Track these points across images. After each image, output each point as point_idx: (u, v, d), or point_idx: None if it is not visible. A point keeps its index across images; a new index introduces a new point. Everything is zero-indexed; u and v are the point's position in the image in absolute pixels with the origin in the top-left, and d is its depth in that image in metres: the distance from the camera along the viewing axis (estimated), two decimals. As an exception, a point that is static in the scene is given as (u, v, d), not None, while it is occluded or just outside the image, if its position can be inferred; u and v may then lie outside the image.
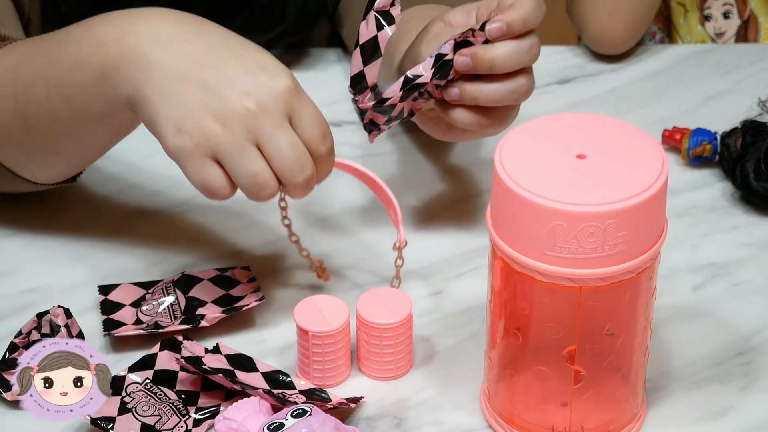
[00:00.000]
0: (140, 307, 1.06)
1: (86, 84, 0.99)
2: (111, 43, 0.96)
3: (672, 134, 1.27)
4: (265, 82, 0.94)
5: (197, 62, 0.94)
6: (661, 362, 1.02)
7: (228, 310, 1.04)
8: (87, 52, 0.98)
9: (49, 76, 1.01)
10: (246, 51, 0.96)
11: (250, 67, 0.94)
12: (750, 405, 1.00)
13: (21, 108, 1.03)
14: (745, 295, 1.10)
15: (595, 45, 1.41)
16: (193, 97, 0.93)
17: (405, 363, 1.01)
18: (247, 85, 0.93)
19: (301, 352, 1.00)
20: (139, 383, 0.99)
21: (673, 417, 0.98)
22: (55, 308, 1.01)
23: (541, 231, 0.85)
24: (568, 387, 0.92)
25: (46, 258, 1.14)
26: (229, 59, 0.94)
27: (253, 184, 0.94)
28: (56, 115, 1.02)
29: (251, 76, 0.94)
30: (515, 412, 0.95)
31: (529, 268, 0.87)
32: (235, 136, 0.93)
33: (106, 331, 1.04)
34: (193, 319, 1.03)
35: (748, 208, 1.20)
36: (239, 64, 0.94)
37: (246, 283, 1.08)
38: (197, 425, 0.96)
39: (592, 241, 0.85)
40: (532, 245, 0.86)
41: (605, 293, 0.88)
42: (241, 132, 0.93)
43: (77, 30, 1.01)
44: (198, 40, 0.95)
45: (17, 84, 1.03)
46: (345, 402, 0.97)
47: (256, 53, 0.96)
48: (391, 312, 0.99)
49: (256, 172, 0.93)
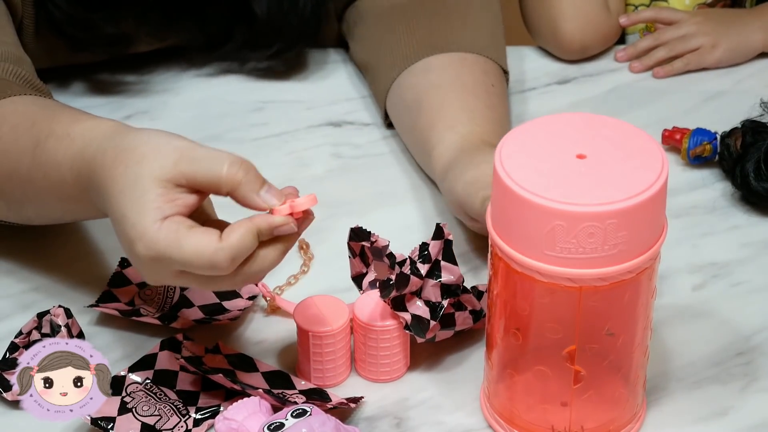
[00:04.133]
0: (143, 290, 1.07)
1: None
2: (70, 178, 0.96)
3: (672, 134, 1.27)
4: (136, 252, 0.90)
5: (120, 215, 0.91)
6: (661, 362, 1.02)
7: (201, 320, 1.04)
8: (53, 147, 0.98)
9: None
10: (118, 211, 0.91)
11: (125, 244, 0.91)
12: (750, 405, 1.00)
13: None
14: (745, 295, 1.10)
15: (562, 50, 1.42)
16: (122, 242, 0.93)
17: (402, 365, 1.01)
18: (127, 247, 0.91)
19: (301, 353, 1.00)
20: (140, 383, 0.99)
21: (673, 417, 0.98)
22: (56, 308, 1.01)
23: (541, 231, 0.85)
24: (567, 387, 0.92)
25: (46, 258, 1.14)
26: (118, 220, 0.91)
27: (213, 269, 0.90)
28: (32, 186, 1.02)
29: (123, 244, 0.91)
30: (515, 412, 0.95)
31: (529, 268, 0.87)
32: (156, 276, 0.91)
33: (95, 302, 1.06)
34: (168, 317, 1.04)
35: (748, 208, 1.20)
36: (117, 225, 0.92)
37: (245, 299, 1.07)
38: (197, 425, 0.96)
39: (592, 241, 0.85)
40: (532, 245, 0.86)
41: (605, 293, 0.88)
42: (153, 274, 0.91)
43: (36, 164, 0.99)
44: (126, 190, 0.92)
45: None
46: (345, 402, 0.97)
47: (117, 224, 0.91)
48: (388, 314, 0.99)
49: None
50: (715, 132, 1.25)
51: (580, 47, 1.41)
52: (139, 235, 0.88)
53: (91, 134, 0.95)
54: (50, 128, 0.98)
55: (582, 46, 1.41)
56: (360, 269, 1.00)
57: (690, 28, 1.42)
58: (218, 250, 0.87)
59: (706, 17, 1.44)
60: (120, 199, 0.90)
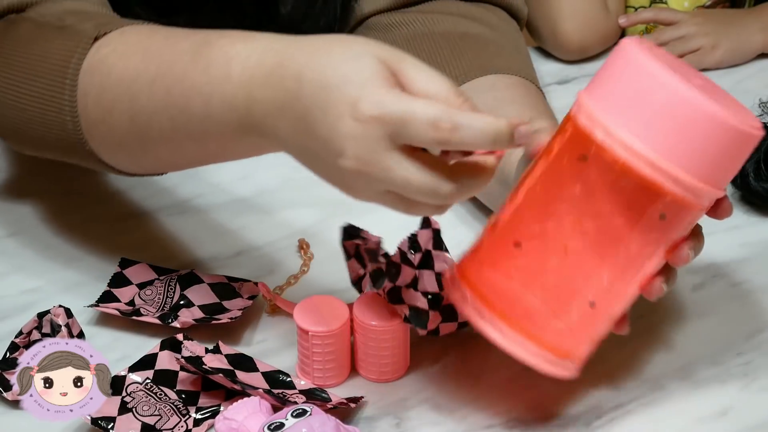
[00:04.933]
0: (143, 290, 1.07)
1: (226, 135, 0.93)
2: (241, 109, 0.90)
3: (672, 134, 1.27)
4: (347, 132, 0.84)
5: (301, 133, 0.87)
6: (661, 362, 1.03)
7: (201, 320, 1.04)
8: (219, 113, 0.91)
9: (175, 117, 0.94)
10: (325, 92, 0.85)
11: (331, 121, 0.84)
12: (750, 405, 1.00)
13: (139, 130, 0.97)
14: (745, 295, 1.10)
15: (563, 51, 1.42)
16: (320, 165, 0.88)
17: (402, 365, 1.01)
18: (336, 146, 0.85)
19: (302, 352, 1.00)
20: (140, 383, 0.99)
21: (673, 417, 0.98)
22: (56, 308, 1.01)
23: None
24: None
25: (46, 258, 1.14)
26: (316, 120, 0.86)
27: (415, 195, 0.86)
28: (181, 146, 0.96)
29: (333, 133, 0.84)
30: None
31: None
32: (362, 194, 0.87)
33: (95, 302, 1.05)
34: (168, 317, 1.04)
35: (748, 208, 1.20)
36: (324, 121, 0.85)
37: (245, 299, 1.07)
38: (197, 425, 0.96)
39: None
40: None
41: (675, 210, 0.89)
42: (367, 189, 0.87)
43: (195, 74, 0.92)
44: (292, 104, 0.87)
45: (134, 104, 0.96)
46: (345, 402, 0.97)
47: (333, 92, 0.85)
48: (388, 314, 0.99)
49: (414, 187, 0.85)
50: (715, 132, 1.25)
51: (579, 47, 1.41)
52: (367, 92, 0.82)
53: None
54: (206, 40, 0.93)
55: (581, 46, 1.41)
56: (358, 271, 1.00)
57: (690, 29, 1.42)
58: (446, 111, 0.82)
59: (706, 18, 1.44)
60: (339, 64, 0.84)
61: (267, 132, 0.89)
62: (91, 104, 0.98)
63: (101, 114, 0.98)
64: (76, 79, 0.99)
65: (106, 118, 0.98)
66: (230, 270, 1.11)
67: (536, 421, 0.98)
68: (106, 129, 0.99)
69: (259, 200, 1.21)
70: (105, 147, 1.00)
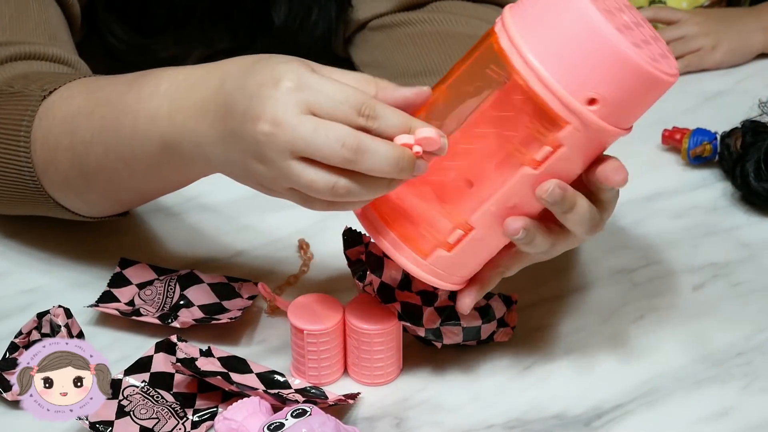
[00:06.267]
0: (143, 290, 1.07)
1: (149, 153, 0.97)
2: (164, 119, 0.95)
3: (672, 134, 1.27)
4: (268, 95, 0.88)
5: (219, 120, 0.91)
6: (661, 362, 1.03)
7: (201, 320, 1.04)
8: (144, 128, 0.96)
9: (107, 140, 0.99)
10: (246, 76, 0.91)
11: (252, 91, 0.89)
12: (750, 405, 0.99)
13: (79, 161, 1.02)
14: (745, 295, 1.10)
15: None
16: (235, 154, 0.91)
17: (395, 368, 1.01)
18: (255, 110, 0.88)
19: (296, 351, 1.00)
20: (136, 386, 0.99)
21: (673, 417, 0.98)
22: (56, 308, 1.01)
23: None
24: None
25: (46, 258, 1.14)
26: (236, 99, 0.90)
27: (314, 192, 0.90)
28: (115, 172, 1.01)
29: (254, 100, 0.89)
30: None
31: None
32: (274, 167, 0.89)
33: (95, 303, 1.06)
34: (168, 317, 1.04)
35: (748, 208, 1.20)
36: (244, 95, 0.90)
37: (245, 299, 1.07)
38: (195, 427, 0.96)
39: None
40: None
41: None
42: (276, 159, 0.89)
43: (129, 97, 0.98)
44: (213, 98, 0.92)
45: (74, 137, 1.02)
46: (343, 398, 0.97)
47: (256, 75, 0.90)
48: (381, 317, 0.99)
49: (312, 181, 0.89)
50: (715, 132, 1.25)
51: None
52: (290, 70, 0.88)
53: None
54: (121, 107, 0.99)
55: None
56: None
57: (691, 29, 1.42)
58: (360, 91, 0.88)
59: (706, 17, 1.44)
60: (265, 60, 0.90)
61: (186, 142, 0.93)
62: (39, 148, 1.04)
63: (48, 154, 1.04)
64: (30, 131, 1.04)
65: (53, 157, 1.04)
66: (230, 270, 1.11)
67: (536, 421, 0.98)
68: (53, 169, 1.04)
69: (259, 200, 1.21)
70: (56, 187, 1.06)
